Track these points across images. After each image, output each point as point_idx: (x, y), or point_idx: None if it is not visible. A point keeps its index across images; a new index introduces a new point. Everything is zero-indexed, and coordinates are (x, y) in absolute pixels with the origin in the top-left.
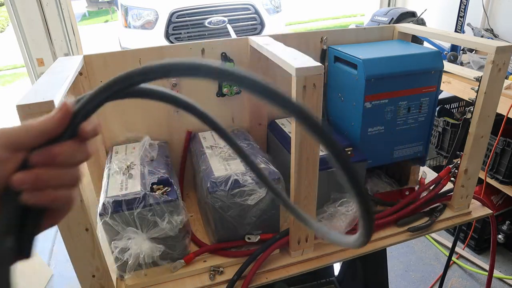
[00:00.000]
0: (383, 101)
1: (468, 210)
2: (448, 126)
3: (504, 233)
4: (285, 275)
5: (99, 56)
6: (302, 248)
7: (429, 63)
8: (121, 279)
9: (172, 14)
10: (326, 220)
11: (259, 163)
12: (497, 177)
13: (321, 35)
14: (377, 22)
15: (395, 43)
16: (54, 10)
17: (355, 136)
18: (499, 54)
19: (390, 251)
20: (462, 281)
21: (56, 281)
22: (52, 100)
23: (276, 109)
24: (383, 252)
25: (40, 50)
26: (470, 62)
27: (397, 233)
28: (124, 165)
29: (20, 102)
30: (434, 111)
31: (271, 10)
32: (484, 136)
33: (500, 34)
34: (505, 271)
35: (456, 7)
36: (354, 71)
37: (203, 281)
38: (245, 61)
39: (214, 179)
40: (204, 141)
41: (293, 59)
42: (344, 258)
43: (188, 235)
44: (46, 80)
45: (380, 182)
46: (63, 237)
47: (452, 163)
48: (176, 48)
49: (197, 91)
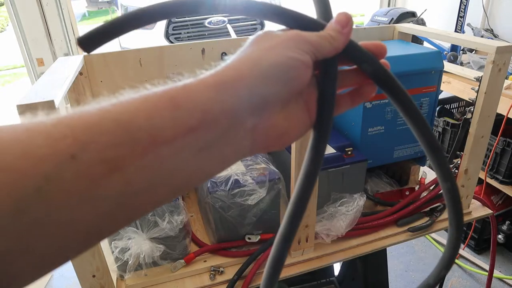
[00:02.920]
0: (384, 101)
1: (468, 210)
2: (448, 126)
3: (504, 233)
4: (285, 275)
5: (99, 56)
6: (302, 248)
7: (429, 63)
8: (121, 279)
9: None
10: (326, 220)
11: (259, 163)
12: (497, 177)
13: None
14: (377, 22)
15: (395, 43)
16: (54, 10)
17: (355, 136)
18: (499, 54)
19: (390, 251)
20: (462, 281)
21: (56, 281)
22: (52, 100)
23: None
24: (383, 252)
25: (40, 50)
26: (470, 62)
27: (397, 233)
28: None
29: (20, 102)
30: (434, 111)
31: None
32: (484, 136)
33: (500, 34)
34: (505, 271)
35: (456, 7)
36: None
37: (203, 281)
38: None
39: (214, 179)
40: None
41: None
42: (344, 258)
43: (189, 235)
44: (46, 80)
45: (380, 182)
46: None
47: (452, 163)
48: (176, 48)
49: None
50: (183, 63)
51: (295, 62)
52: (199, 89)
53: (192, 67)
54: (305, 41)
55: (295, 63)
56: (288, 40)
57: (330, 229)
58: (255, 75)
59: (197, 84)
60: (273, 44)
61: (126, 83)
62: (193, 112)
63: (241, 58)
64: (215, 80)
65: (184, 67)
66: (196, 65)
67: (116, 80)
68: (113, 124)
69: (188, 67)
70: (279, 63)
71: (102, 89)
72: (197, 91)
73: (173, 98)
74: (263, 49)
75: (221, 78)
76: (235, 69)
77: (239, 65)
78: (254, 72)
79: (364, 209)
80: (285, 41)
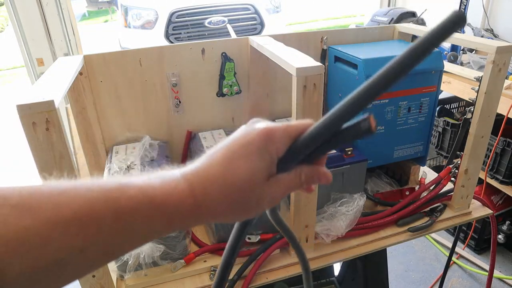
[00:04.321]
0: (384, 101)
1: (468, 210)
2: (448, 126)
3: (504, 233)
4: (285, 275)
5: (99, 56)
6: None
7: (429, 63)
8: (121, 279)
9: (172, 14)
10: (326, 220)
11: None
12: (497, 177)
13: (321, 35)
14: (377, 22)
15: (395, 43)
16: (54, 10)
17: None
18: (500, 54)
19: (390, 251)
20: (462, 281)
21: None
22: (52, 100)
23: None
24: (383, 252)
25: (40, 50)
26: (470, 62)
27: (397, 233)
28: (124, 165)
29: (20, 102)
30: (434, 111)
31: (271, 10)
32: (484, 136)
33: (500, 34)
34: (505, 271)
35: (456, 7)
36: (354, 71)
37: (203, 281)
38: (245, 61)
39: None
40: (204, 141)
41: (294, 59)
42: (344, 258)
43: (188, 235)
44: (46, 80)
45: (380, 182)
46: None
47: (452, 163)
48: (176, 48)
49: (197, 91)
50: (183, 63)
51: (258, 180)
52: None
53: (192, 67)
54: (275, 153)
55: (258, 182)
56: (258, 149)
57: (330, 229)
58: (221, 201)
59: (176, 204)
60: (243, 154)
61: (126, 83)
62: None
63: (208, 175)
64: (190, 205)
65: (184, 67)
66: (196, 65)
67: (116, 80)
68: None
69: (188, 67)
70: (243, 188)
71: (102, 89)
72: (176, 212)
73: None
74: (231, 163)
75: (192, 198)
76: (204, 188)
77: (207, 185)
78: (220, 197)
79: (364, 209)
80: (255, 151)
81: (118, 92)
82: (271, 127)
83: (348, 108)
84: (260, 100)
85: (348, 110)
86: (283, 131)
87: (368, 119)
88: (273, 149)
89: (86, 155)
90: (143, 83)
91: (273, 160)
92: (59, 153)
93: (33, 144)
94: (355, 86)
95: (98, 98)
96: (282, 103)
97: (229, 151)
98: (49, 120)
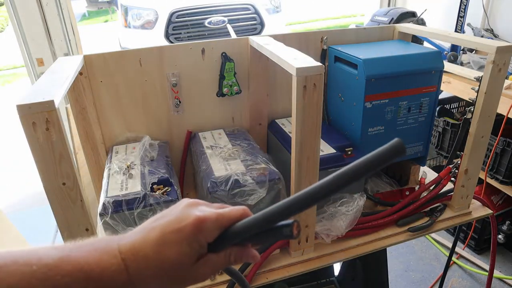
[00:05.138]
0: (384, 101)
1: (468, 210)
2: (448, 126)
3: (504, 233)
4: (285, 275)
5: (99, 56)
6: (302, 248)
7: (429, 63)
8: None
9: (172, 14)
10: (326, 220)
11: (259, 163)
12: (497, 177)
13: (321, 35)
14: (377, 22)
15: (395, 43)
16: (54, 10)
17: (355, 136)
18: (499, 54)
19: (390, 251)
20: (462, 281)
21: None
22: (52, 100)
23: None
24: (383, 252)
25: (40, 50)
26: (470, 62)
27: (397, 233)
28: (124, 165)
29: (20, 102)
30: (434, 111)
31: (271, 10)
32: (484, 136)
33: (500, 34)
34: (505, 271)
35: (456, 7)
36: (354, 71)
37: (203, 281)
38: (245, 61)
39: (215, 179)
40: (204, 141)
41: (294, 59)
42: (344, 258)
43: None
44: (46, 80)
45: (380, 182)
46: (63, 237)
47: (452, 163)
48: (176, 48)
49: (197, 91)
50: (183, 63)
51: (186, 263)
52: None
53: (192, 67)
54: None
55: (186, 265)
56: (188, 237)
57: (330, 229)
58: (152, 280)
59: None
60: (174, 240)
61: (126, 83)
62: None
63: (142, 255)
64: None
65: (184, 67)
66: (196, 65)
67: (116, 80)
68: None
69: (188, 67)
70: (173, 270)
71: (102, 89)
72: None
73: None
74: (163, 245)
75: (126, 276)
76: (138, 267)
77: (141, 264)
78: (152, 277)
79: (364, 209)
80: (185, 238)
81: (118, 92)
82: (202, 217)
83: (274, 215)
84: (260, 100)
85: (274, 216)
86: (215, 221)
87: (291, 226)
88: (203, 238)
89: (86, 155)
90: (143, 83)
91: (202, 246)
92: (59, 153)
93: (33, 144)
94: (355, 86)
95: (98, 98)
96: (282, 103)
97: (163, 233)
98: (49, 120)
